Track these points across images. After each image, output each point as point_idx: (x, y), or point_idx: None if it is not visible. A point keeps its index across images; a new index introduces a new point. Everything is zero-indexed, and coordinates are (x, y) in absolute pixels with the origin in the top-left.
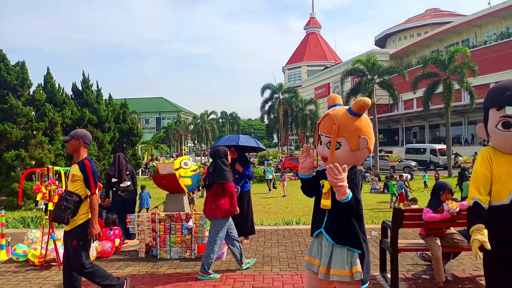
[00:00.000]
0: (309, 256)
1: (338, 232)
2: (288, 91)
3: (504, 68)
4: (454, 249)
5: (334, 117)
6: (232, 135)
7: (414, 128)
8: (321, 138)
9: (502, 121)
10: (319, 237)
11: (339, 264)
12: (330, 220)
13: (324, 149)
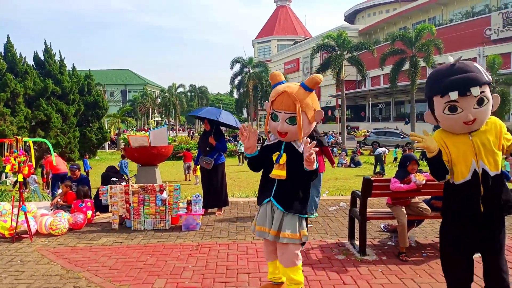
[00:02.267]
0: (259, 225)
1: (288, 200)
2: (258, 65)
3: (468, 46)
4: (418, 217)
5: (294, 94)
6: (214, 108)
7: (380, 104)
8: (278, 115)
9: (448, 106)
10: (268, 205)
11: (291, 228)
12: (279, 189)
13: (284, 125)
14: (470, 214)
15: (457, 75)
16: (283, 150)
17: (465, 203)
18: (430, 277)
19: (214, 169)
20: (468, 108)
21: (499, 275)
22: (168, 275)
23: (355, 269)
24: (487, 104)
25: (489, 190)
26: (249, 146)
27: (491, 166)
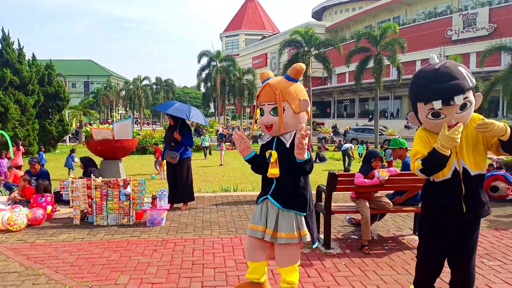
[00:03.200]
0: (252, 223)
1: (286, 197)
2: (225, 59)
3: (430, 46)
4: (380, 211)
5: (275, 84)
6: (184, 105)
7: (345, 101)
8: (263, 108)
9: (431, 113)
10: (264, 204)
11: (288, 227)
12: (278, 187)
13: (269, 117)
14: (452, 213)
15: (440, 84)
16: (274, 147)
17: (447, 202)
18: (391, 269)
19: (180, 164)
20: (451, 114)
21: (467, 270)
22: (132, 271)
23: (319, 262)
24: (470, 107)
25: (470, 189)
26: (242, 149)
27: (471, 164)
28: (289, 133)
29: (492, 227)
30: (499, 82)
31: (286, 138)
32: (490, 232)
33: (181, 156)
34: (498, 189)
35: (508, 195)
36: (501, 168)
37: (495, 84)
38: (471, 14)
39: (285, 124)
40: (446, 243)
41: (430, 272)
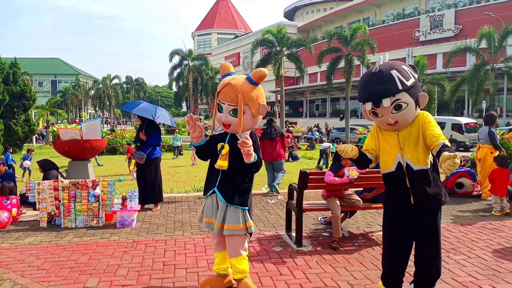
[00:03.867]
0: (207, 217)
1: (231, 192)
2: (198, 58)
3: (399, 46)
4: (351, 208)
5: (237, 86)
6: (150, 106)
7: (317, 101)
8: (222, 106)
9: (370, 112)
10: (213, 196)
11: (234, 220)
12: (223, 180)
13: (228, 117)
14: (401, 204)
15: (370, 88)
16: (227, 141)
17: (396, 194)
18: (361, 265)
19: (148, 164)
20: (386, 114)
21: (429, 261)
22: (101, 274)
23: (291, 260)
24: (406, 107)
25: (414, 183)
26: (195, 136)
27: (414, 160)
28: (244, 133)
29: (457, 222)
30: (465, 82)
31: (242, 135)
32: (456, 227)
33: (149, 156)
34: (463, 186)
35: (473, 191)
36: (467, 165)
37: (460, 84)
38: (437, 16)
39: (243, 126)
40: (405, 232)
41: (393, 263)
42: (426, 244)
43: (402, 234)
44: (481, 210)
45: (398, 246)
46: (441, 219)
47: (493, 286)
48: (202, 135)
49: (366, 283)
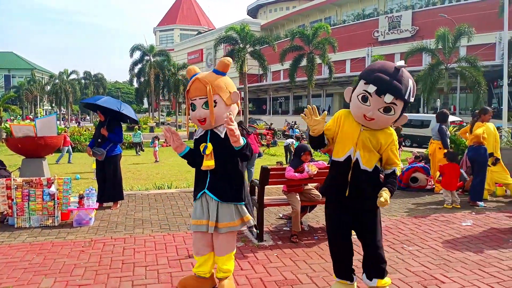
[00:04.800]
0: (195, 219)
1: (223, 189)
2: (160, 54)
3: (359, 46)
4: (311, 203)
5: (205, 78)
6: (112, 99)
7: (280, 98)
8: (194, 103)
9: (363, 95)
10: (203, 198)
11: (228, 217)
12: (213, 179)
13: (201, 111)
14: (336, 193)
15: (386, 76)
16: (209, 140)
17: (335, 182)
18: (321, 258)
19: (108, 161)
20: (375, 107)
21: (372, 251)
22: (56, 274)
23: (252, 255)
24: (392, 116)
25: (355, 180)
26: (176, 146)
27: (364, 160)
28: (222, 125)
29: (411, 215)
30: (420, 81)
31: (220, 130)
32: (410, 219)
33: (109, 153)
34: (417, 180)
35: (427, 185)
36: (421, 160)
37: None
38: (395, 17)
39: (218, 116)
40: (342, 223)
41: (336, 253)
42: (367, 233)
43: (340, 224)
44: (434, 203)
45: (337, 236)
46: (397, 212)
47: (444, 275)
48: (183, 143)
49: (324, 275)
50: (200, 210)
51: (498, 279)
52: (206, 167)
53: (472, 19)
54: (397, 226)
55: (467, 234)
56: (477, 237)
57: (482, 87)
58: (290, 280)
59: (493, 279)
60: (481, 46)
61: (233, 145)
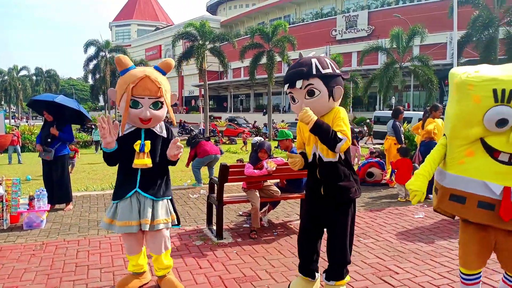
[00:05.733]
0: (123, 220)
1: (156, 187)
2: (116, 49)
3: (318, 44)
4: (270, 199)
5: (157, 79)
6: (50, 94)
7: (241, 95)
8: (140, 101)
9: (290, 97)
10: (133, 197)
11: (164, 213)
12: (145, 177)
13: (149, 111)
14: (314, 194)
15: (290, 71)
16: (144, 137)
17: (311, 184)
18: (280, 254)
19: (55, 161)
20: (301, 98)
21: (337, 250)
22: (5, 279)
23: (211, 253)
24: (319, 95)
25: (324, 175)
26: (110, 141)
27: (324, 152)
28: (159, 124)
29: (367, 209)
30: (376, 79)
31: (157, 128)
32: (366, 213)
33: (57, 153)
34: (373, 175)
35: (382, 180)
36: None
37: (372, 80)
38: (352, 16)
39: (160, 117)
40: (317, 221)
41: (304, 249)
42: (335, 234)
43: (314, 222)
44: (388, 197)
45: (309, 233)
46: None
47: (398, 265)
48: (114, 140)
49: (283, 270)
50: (128, 211)
51: (448, 268)
52: (143, 166)
53: (425, 20)
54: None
55: (419, 226)
56: (428, 228)
57: (434, 85)
58: (249, 277)
59: (444, 268)
60: (433, 45)
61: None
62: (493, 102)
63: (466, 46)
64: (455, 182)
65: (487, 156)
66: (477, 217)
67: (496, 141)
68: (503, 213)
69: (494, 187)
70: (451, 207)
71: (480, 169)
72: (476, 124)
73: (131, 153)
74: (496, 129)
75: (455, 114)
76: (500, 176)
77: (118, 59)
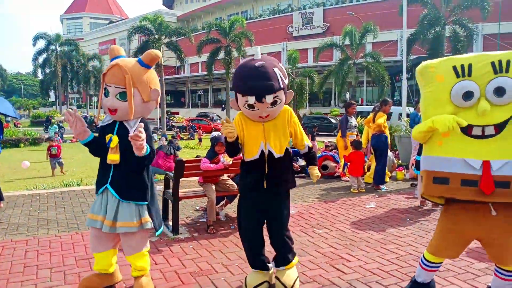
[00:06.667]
0: (91, 213)
1: (125, 187)
2: (67, 43)
3: (275, 40)
4: (226, 193)
5: (126, 67)
6: None
7: (199, 91)
8: (108, 89)
9: (247, 104)
10: (104, 193)
11: (127, 217)
12: (117, 175)
13: (114, 100)
14: (255, 189)
15: (256, 82)
16: (116, 131)
17: (253, 179)
18: (236, 247)
19: None
20: (263, 108)
21: (280, 239)
22: None
23: (167, 248)
24: (279, 103)
25: (272, 169)
26: (78, 133)
27: (276, 149)
28: (134, 120)
29: (322, 200)
30: (331, 75)
31: (130, 124)
32: (320, 204)
33: None
34: (328, 167)
35: (336, 172)
36: (332, 149)
37: (328, 76)
38: (308, 13)
39: (126, 109)
40: (257, 215)
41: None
42: (279, 225)
43: (254, 216)
44: (342, 189)
45: (252, 228)
46: (308, 198)
47: (350, 254)
48: (87, 130)
49: (240, 263)
50: (98, 206)
51: (397, 254)
52: (111, 161)
53: (377, 18)
54: (308, 211)
55: (371, 215)
56: (379, 217)
57: (386, 81)
58: (206, 271)
59: (393, 255)
60: (385, 43)
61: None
62: (455, 78)
63: (415, 43)
64: (436, 164)
65: (462, 134)
66: (463, 195)
67: (467, 117)
68: (483, 187)
69: (474, 163)
70: (436, 190)
71: (458, 148)
72: (446, 103)
73: (107, 146)
74: (464, 104)
75: (425, 98)
76: (477, 151)
77: (111, 48)
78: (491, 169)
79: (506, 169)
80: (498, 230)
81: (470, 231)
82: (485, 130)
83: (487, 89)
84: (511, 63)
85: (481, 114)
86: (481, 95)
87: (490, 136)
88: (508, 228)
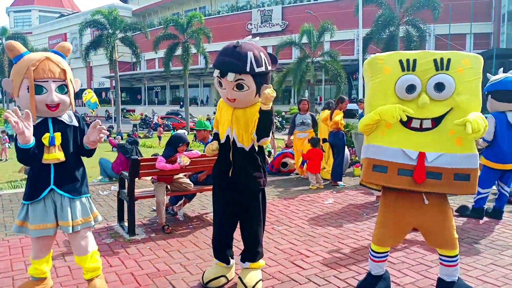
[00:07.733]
0: (38, 223)
1: (74, 183)
2: (14, 37)
3: (234, 37)
4: (182, 192)
5: (59, 60)
6: None
7: (156, 88)
8: (43, 85)
9: (218, 80)
10: (48, 197)
11: (83, 212)
12: (60, 173)
13: (55, 95)
14: (222, 174)
15: (225, 58)
16: (52, 128)
17: (221, 163)
18: (195, 246)
19: None
20: (229, 88)
21: (248, 232)
22: None
23: (123, 250)
24: (247, 91)
25: (236, 158)
26: (27, 136)
27: (239, 138)
28: (67, 113)
29: (281, 197)
30: (290, 73)
31: (65, 117)
32: (280, 201)
33: None
34: (287, 165)
35: (295, 170)
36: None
37: (287, 75)
38: (267, 11)
39: (67, 102)
40: (227, 204)
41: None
42: (247, 219)
43: (225, 205)
44: (301, 185)
45: (222, 214)
46: (268, 195)
47: (309, 249)
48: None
49: (198, 262)
50: (42, 213)
51: (354, 249)
52: (55, 160)
53: (334, 17)
54: (268, 208)
55: (329, 211)
56: (337, 213)
57: (343, 79)
58: (163, 271)
59: (350, 249)
60: (342, 42)
61: (87, 146)
62: (401, 71)
63: (371, 42)
64: (377, 153)
65: (402, 126)
66: (398, 183)
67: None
68: (416, 176)
69: (411, 153)
70: (374, 177)
71: (398, 138)
72: (390, 95)
73: (41, 147)
74: (407, 96)
75: (372, 89)
76: (415, 143)
77: (9, 44)
78: (425, 160)
79: (440, 161)
80: (431, 218)
81: (407, 218)
82: (423, 123)
83: (428, 84)
84: (451, 61)
85: (421, 106)
86: (422, 90)
87: (428, 129)
88: (439, 216)
